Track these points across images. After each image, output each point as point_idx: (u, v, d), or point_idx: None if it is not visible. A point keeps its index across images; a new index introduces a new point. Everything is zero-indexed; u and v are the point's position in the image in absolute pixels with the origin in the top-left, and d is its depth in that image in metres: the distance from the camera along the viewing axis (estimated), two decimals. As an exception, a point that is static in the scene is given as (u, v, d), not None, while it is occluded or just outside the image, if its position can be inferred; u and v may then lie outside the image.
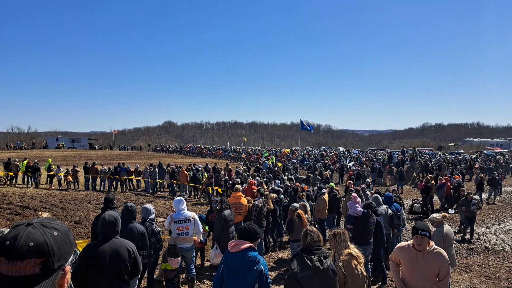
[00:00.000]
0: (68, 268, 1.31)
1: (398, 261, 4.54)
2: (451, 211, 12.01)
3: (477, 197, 16.49)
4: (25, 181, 21.10)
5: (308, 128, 25.11)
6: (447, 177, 18.57)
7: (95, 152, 55.16)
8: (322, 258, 3.80)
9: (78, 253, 1.43)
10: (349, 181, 14.45)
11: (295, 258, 3.94)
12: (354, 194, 8.13)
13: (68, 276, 1.33)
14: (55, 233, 1.28)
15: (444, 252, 4.28)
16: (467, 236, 11.77)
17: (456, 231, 12.47)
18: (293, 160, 34.47)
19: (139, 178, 21.04)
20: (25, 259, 1.19)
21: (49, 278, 1.23)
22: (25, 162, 21.15)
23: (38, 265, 1.21)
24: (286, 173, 23.07)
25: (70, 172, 20.86)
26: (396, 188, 13.85)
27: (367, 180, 13.55)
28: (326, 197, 10.97)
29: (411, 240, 4.39)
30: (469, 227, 11.81)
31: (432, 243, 4.35)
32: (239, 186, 9.72)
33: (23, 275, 1.19)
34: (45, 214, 4.89)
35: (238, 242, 3.94)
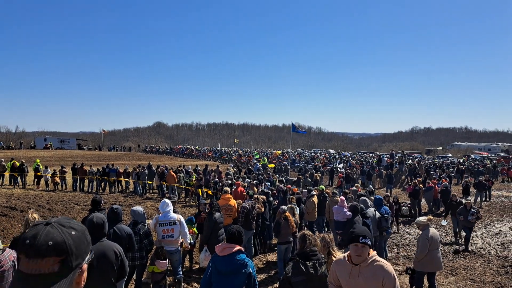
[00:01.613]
0: (85, 266, 1.35)
1: (337, 279, 3.63)
2: (444, 222, 11.47)
3: (468, 199, 16.27)
4: (12, 181, 20.80)
5: (301, 131, 25.30)
6: (434, 181, 18.78)
7: (83, 153, 54.67)
8: (317, 264, 3.82)
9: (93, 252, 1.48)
10: (356, 185, 14.27)
11: (291, 262, 3.96)
12: (342, 198, 8.17)
13: (85, 274, 1.37)
14: (73, 232, 1.32)
15: (387, 265, 3.43)
16: (462, 245, 11.28)
17: (449, 241, 12.15)
18: (284, 162, 34.54)
19: (128, 179, 20.88)
20: (45, 257, 1.23)
21: (67, 276, 1.27)
22: (11, 163, 20.84)
23: (57, 263, 1.25)
24: (277, 175, 23.12)
25: (58, 173, 20.63)
26: (389, 194, 13.81)
27: (369, 186, 13.48)
28: (315, 199, 11.02)
29: (348, 252, 3.54)
30: (465, 235, 11.24)
31: (372, 252, 3.45)
32: (227, 188, 9.72)
33: (42, 273, 1.23)
34: (35, 214, 4.85)
35: (227, 246, 3.95)
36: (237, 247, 3.94)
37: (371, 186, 14.38)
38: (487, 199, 20.11)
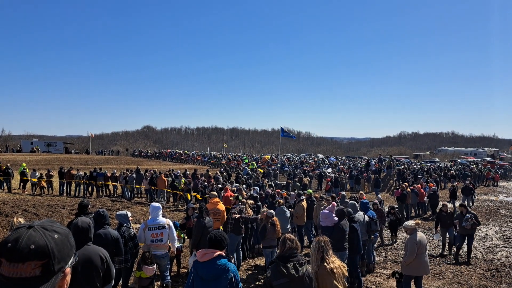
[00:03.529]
0: (68, 270, 1.33)
1: None
2: (436, 236, 10.92)
3: (463, 204, 14.85)
4: (-3, 185, 20.43)
5: (290, 135, 25.35)
6: (419, 185, 18.98)
7: (70, 157, 54.01)
8: (297, 265, 3.80)
9: (77, 255, 1.46)
10: (360, 192, 13.51)
11: (271, 265, 3.94)
12: (333, 203, 8.15)
13: (68, 278, 1.35)
14: (56, 236, 1.30)
15: None
16: (463, 256, 10.65)
17: (441, 253, 11.16)
18: (273, 167, 34.56)
19: (116, 183, 20.65)
20: (26, 261, 1.21)
21: (49, 280, 1.25)
22: (-4, 166, 20.49)
23: (39, 267, 1.23)
24: (267, 179, 23.11)
25: (44, 177, 20.32)
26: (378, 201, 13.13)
27: (378, 196, 13.07)
28: (304, 203, 11.03)
29: None
30: (465, 246, 10.41)
31: None
32: (214, 192, 9.69)
33: (24, 277, 1.21)
34: (20, 218, 4.77)
35: (207, 251, 3.91)
36: (218, 252, 3.88)
37: (379, 196, 13.66)
38: (471, 204, 20.25)
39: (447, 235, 11.23)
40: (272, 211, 8.34)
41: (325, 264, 4.18)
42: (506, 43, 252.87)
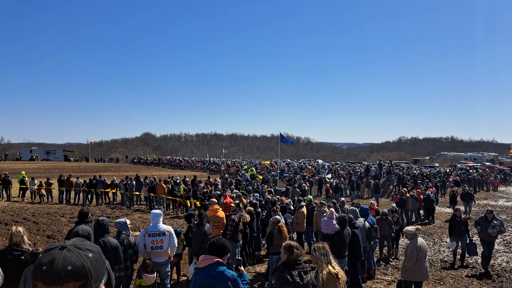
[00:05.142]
0: (102, 287, 1.33)
1: None
2: (451, 245, 10.17)
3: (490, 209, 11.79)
4: (-4, 194, 20.38)
5: (289, 141, 25.45)
6: (419, 190, 18.98)
7: (70, 164, 54.01)
8: (302, 273, 3.81)
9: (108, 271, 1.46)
10: (371, 202, 12.76)
11: (275, 272, 3.93)
12: (332, 210, 8.16)
13: None
14: (90, 255, 1.28)
15: None
16: (480, 266, 10.07)
17: (452, 263, 10.51)
18: (272, 173, 34.54)
19: (115, 190, 20.62)
20: (64, 284, 1.19)
21: None
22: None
23: None
24: (266, 185, 23.11)
25: (44, 184, 20.30)
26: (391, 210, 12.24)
27: (392, 205, 12.73)
28: (304, 209, 11.02)
29: None
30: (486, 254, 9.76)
31: None
32: (214, 199, 9.66)
33: None
34: (20, 228, 4.77)
35: (205, 258, 3.91)
36: (215, 259, 3.87)
37: (394, 205, 12.98)
38: (469, 210, 20.07)
39: (459, 243, 10.38)
40: (278, 216, 8.32)
41: (331, 267, 4.23)
42: (505, 46, 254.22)
